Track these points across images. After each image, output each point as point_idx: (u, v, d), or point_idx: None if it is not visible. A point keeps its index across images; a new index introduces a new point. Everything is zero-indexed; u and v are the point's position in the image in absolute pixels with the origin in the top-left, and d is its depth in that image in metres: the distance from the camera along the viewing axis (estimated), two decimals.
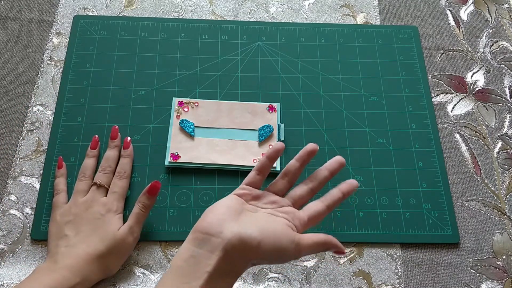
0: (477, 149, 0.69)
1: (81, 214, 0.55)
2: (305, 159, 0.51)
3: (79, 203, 0.57)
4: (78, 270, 0.51)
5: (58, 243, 0.54)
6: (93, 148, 0.62)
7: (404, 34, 0.76)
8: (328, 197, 0.50)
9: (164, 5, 0.77)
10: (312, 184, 0.51)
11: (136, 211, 0.56)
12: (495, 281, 0.60)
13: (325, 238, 0.47)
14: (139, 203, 0.57)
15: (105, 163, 0.60)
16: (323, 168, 0.52)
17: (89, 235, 0.54)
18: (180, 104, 0.67)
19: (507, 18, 0.79)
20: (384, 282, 0.59)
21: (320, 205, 0.49)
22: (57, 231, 0.55)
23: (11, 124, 0.66)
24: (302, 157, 0.51)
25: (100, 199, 0.57)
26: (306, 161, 0.52)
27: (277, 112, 0.68)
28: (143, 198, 0.57)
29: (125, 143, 0.62)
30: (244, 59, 0.73)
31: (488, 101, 0.72)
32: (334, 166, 0.52)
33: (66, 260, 0.51)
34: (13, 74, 0.70)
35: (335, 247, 0.48)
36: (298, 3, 0.79)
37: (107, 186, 0.59)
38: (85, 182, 0.59)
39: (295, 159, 0.52)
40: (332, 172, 0.51)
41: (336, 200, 0.50)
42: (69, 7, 0.75)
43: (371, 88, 0.71)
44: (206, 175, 0.64)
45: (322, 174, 0.51)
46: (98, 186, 0.58)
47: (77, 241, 0.53)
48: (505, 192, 0.66)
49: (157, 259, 0.59)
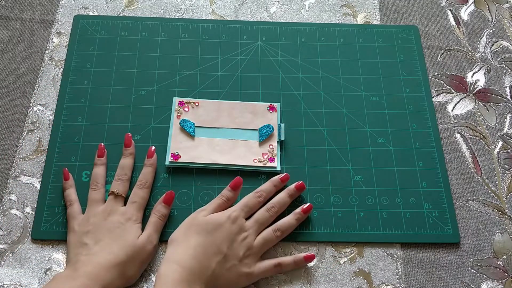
0: (477, 149, 0.69)
1: (100, 223, 0.56)
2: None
3: (98, 212, 0.57)
4: (98, 277, 0.51)
5: (78, 251, 0.54)
6: (101, 157, 0.62)
7: (404, 34, 0.76)
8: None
9: (165, 5, 0.77)
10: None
11: (154, 220, 0.57)
12: (495, 281, 0.60)
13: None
14: (157, 212, 0.58)
15: (120, 171, 0.60)
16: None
17: (109, 243, 0.54)
18: (180, 104, 0.67)
19: (507, 18, 0.79)
20: (385, 282, 0.59)
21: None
22: (76, 240, 0.55)
23: (12, 124, 0.66)
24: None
25: (119, 208, 0.57)
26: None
27: (277, 112, 0.68)
28: (159, 207, 0.58)
29: (149, 152, 0.62)
30: (245, 59, 0.73)
31: (488, 101, 0.72)
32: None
33: (87, 268, 0.51)
34: (13, 74, 0.70)
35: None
36: (299, 3, 0.79)
37: (124, 195, 0.59)
38: (99, 191, 0.59)
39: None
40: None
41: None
42: (70, 7, 0.75)
43: (371, 88, 0.71)
44: (206, 175, 0.64)
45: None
46: (116, 195, 0.58)
47: (97, 250, 0.53)
48: (506, 192, 0.66)
49: (157, 259, 0.59)
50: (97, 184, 0.59)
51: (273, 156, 0.64)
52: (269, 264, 0.56)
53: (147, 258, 0.56)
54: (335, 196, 0.63)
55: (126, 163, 0.61)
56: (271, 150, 0.65)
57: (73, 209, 0.58)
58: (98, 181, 0.60)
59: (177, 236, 0.55)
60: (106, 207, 0.57)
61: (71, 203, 0.59)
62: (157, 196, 0.61)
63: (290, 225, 0.59)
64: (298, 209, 0.59)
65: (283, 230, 0.58)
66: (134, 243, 0.54)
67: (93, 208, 0.57)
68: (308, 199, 0.63)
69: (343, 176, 0.65)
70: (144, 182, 0.60)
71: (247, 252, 0.55)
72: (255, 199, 0.59)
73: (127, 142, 0.63)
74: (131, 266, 0.54)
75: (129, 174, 0.61)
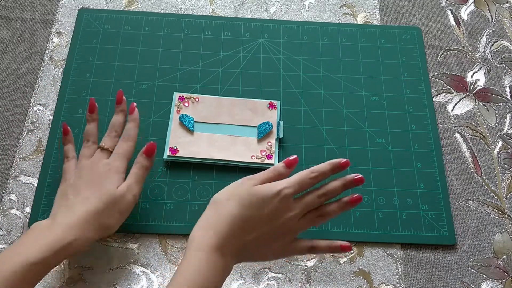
0: (477, 149, 0.69)
1: (83, 175, 0.56)
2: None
3: (83, 165, 0.57)
4: (75, 226, 0.51)
5: (60, 203, 0.54)
6: (91, 112, 0.61)
7: (407, 35, 0.76)
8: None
9: (165, 4, 0.77)
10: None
11: (135, 171, 0.57)
12: (495, 281, 0.60)
13: None
14: (137, 163, 0.57)
15: (111, 128, 0.60)
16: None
17: (87, 193, 0.54)
18: (180, 99, 0.68)
19: (507, 18, 0.79)
20: (385, 282, 0.59)
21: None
22: (61, 194, 0.55)
23: (12, 124, 0.66)
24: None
25: (104, 160, 0.57)
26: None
27: (277, 110, 0.68)
28: (140, 159, 0.57)
29: (131, 109, 0.61)
30: (246, 56, 0.73)
31: (488, 101, 0.72)
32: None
33: (64, 219, 0.51)
34: (13, 73, 0.70)
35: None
36: (299, 3, 0.79)
37: (111, 149, 0.58)
38: (89, 148, 0.59)
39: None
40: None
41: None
42: (70, 7, 0.75)
43: (372, 88, 0.71)
44: (204, 170, 0.64)
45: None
46: (102, 149, 0.58)
47: (76, 202, 0.53)
48: (506, 191, 0.66)
49: (157, 257, 0.59)
50: (88, 141, 0.59)
51: (271, 153, 0.64)
52: (304, 246, 0.53)
53: (127, 209, 0.55)
54: None
55: (116, 120, 0.61)
56: (269, 147, 0.65)
57: (68, 165, 0.58)
58: (89, 138, 0.59)
59: (220, 200, 0.51)
60: (92, 160, 0.57)
61: (68, 159, 0.58)
62: (156, 190, 0.62)
63: (334, 213, 0.54)
64: (346, 198, 0.54)
65: (325, 216, 0.54)
66: (112, 191, 0.54)
67: (81, 162, 0.57)
68: None
69: (340, 175, 0.64)
70: (127, 135, 0.59)
71: (288, 232, 0.52)
72: (309, 179, 0.53)
73: (118, 98, 0.62)
74: (109, 215, 0.53)
75: (119, 130, 0.60)
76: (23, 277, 0.47)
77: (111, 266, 0.59)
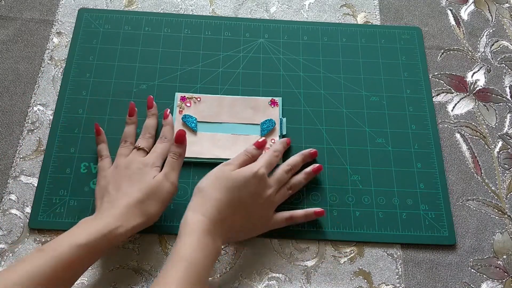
0: (477, 149, 0.69)
1: (121, 172, 0.58)
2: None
3: (121, 163, 0.60)
4: (121, 216, 0.53)
5: (102, 200, 0.57)
6: (131, 115, 0.65)
7: (407, 35, 0.76)
8: None
9: (165, 4, 0.77)
10: None
11: (169, 160, 0.59)
12: (495, 281, 0.60)
13: None
14: (170, 152, 0.60)
15: (145, 130, 0.64)
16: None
17: (128, 188, 0.56)
18: (182, 99, 0.68)
19: (507, 18, 0.79)
20: (385, 282, 0.59)
21: None
22: (101, 191, 0.58)
23: (12, 124, 0.66)
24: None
25: (140, 158, 0.60)
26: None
27: (279, 107, 0.68)
28: (172, 148, 0.60)
29: (165, 114, 0.65)
30: (246, 56, 0.73)
31: (488, 101, 0.72)
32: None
33: (109, 212, 0.54)
34: (13, 73, 0.70)
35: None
36: (299, 3, 0.79)
37: (146, 149, 0.62)
38: (127, 148, 0.62)
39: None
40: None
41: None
42: (70, 7, 0.75)
43: (372, 88, 0.71)
44: (204, 170, 0.63)
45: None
46: (138, 148, 0.61)
47: (118, 197, 0.56)
48: (506, 191, 0.66)
49: (157, 257, 0.59)
50: (126, 142, 0.63)
51: None
52: (283, 217, 0.60)
53: (167, 196, 0.57)
54: (332, 195, 0.63)
55: (149, 123, 0.65)
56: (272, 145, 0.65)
57: (103, 163, 0.61)
58: (127, 139, 0.63)
59: (205, 187, 0.56)
60: (128, 158, 0.60)
61: (102, 158, 0.62)
62: None
63: (300, 183, 0.62)
64: (308, 169, 0.63)
65: (294, 188, 0.62)
66: (150, 181, 0.57)
67: (118, 160, 0.60)
68: (305, 196, 0.63)
69: (340, 175, 0.65)
70: (164, 137, 0.63)
71: (268, 207, 0.59)
72: (275, 158, 0.61)
73: (149, 104, 0.66)
74: (150, 203, 0.55)
75: (152, 132, 0.64)
76: (70, 258, 0.48)
77: (111, 266, 0.59)
